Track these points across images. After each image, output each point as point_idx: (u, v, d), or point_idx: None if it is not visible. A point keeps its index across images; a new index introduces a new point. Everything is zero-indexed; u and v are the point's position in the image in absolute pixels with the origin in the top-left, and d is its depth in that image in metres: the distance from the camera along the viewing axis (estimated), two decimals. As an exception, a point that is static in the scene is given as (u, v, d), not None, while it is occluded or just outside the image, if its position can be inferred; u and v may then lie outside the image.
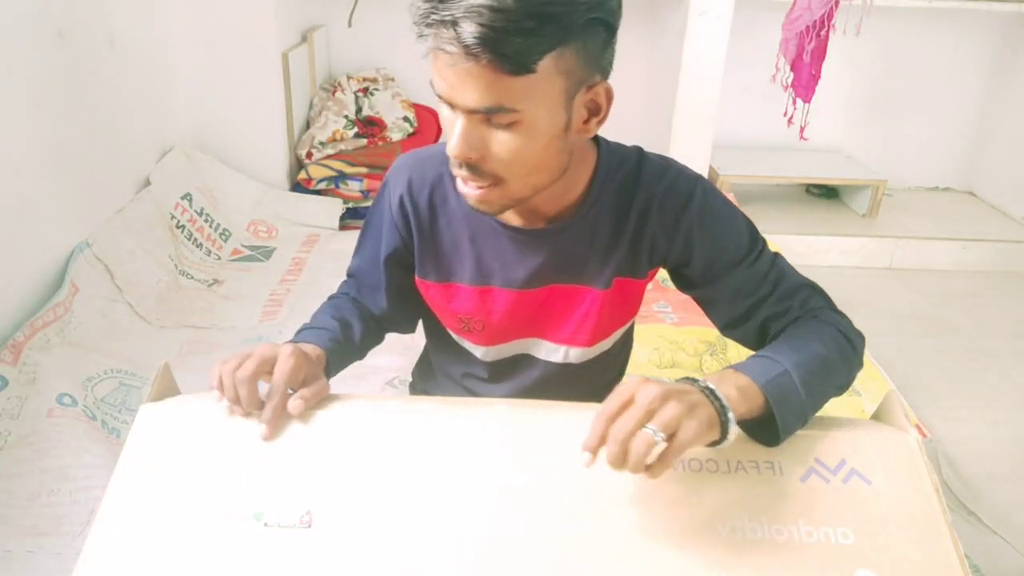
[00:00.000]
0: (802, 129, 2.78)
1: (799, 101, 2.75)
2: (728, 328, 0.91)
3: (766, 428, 0.71)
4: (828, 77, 2.76)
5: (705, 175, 2.92)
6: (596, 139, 0.87)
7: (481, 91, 0.67)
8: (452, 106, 0.71)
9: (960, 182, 3.50)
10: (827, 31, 2.57)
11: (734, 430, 0.67)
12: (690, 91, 2.81)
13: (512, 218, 0.87)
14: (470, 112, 0.69)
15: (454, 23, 0.64)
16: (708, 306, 0.92)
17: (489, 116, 0.69)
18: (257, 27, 2.56)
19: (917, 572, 0.65)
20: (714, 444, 0.68)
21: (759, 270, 0.86)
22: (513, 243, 0.88)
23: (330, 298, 0.99)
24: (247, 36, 2.57)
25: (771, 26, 2.82)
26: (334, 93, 2.96)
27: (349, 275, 1.01)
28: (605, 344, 0.97)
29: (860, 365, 0.82)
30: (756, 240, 0.88)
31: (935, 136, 3.41)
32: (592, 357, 0.97)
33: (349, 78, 3.08)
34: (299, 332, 0.90)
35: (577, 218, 0.86)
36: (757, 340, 0.89)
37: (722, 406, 0.66)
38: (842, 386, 0.80)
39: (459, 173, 0.75)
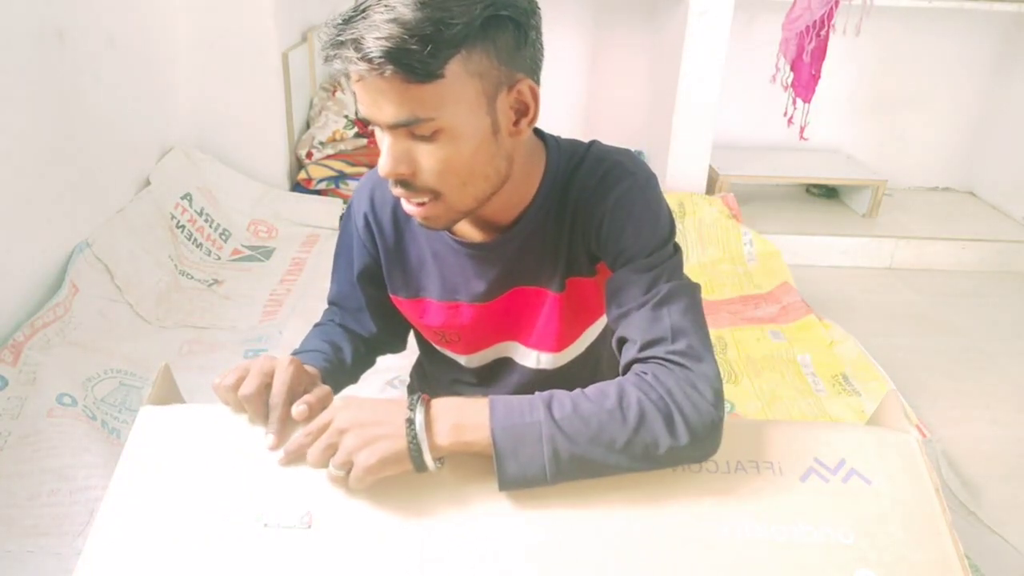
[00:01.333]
0: (802, 129, 2.78)
1: (799, 101, 2.75)
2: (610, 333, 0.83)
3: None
4: (828, 77, 2.76)
5: (705, 175, 2.94)
6: (545, 141, 0.86)
7: (395, 104, 0.68)
8: (376, 125, 0.71)
9: (960, 182, 3.50)
10: (827, 31, 2.57)
11: (430, 462, 0.67)
12: (690, 91, 2.81)
13: (470, 233, 0.87)
14: (391, 128, 0.70)
15: (355, 41, 0.65)
16: None
17: (411, 129, 0.70)
18: (257, 27, 2.56)
19: (917, 572, 0.65)
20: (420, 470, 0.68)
21: (642, 282, 0.77)
22: (471, 259, 0.88)
23: (316, 325, 0.99)
24: (247, 36, 2.57)
25: (771, 26, 2.82)
26: (334, 93, 2.96)
27: (330, 302, 1.01)
28: (576, 348, 0.96)
29: (686, 439, 0.68)
30: (660, 255, 0.79)
31: (935, 136, 3.40)
32: (566, 363, 0.96)
33: (349, 78, 3.07)
34: (292, 356, 0.89)
35: (527, 222, 0.85)
36: (618, 358, 0.80)
37: (415, 440, 0.66)
38: (633, 458, 0.68)
39: (396, 192, 0.75)
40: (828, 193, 3.30)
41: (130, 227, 2.09)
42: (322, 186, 2.76)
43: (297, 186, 2.79)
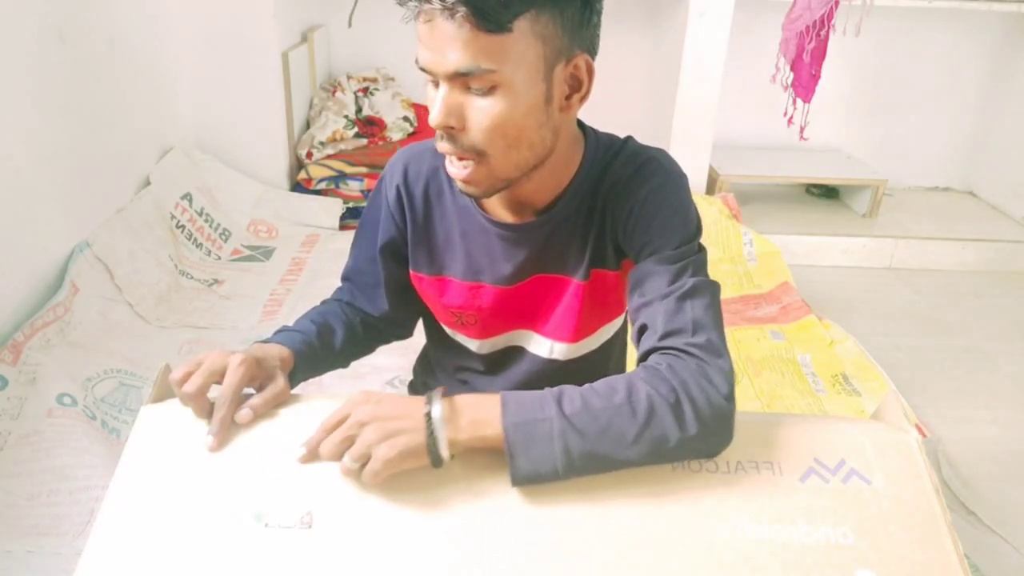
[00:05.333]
0: (802, 129, 2.78)
1: (799, 101, 2.74)
2: (630, 322, 0.84)
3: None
4: (828, 77, 2.76)
5: (705, 175, 2.94)
6: (585, 131, 0.87)
7: (459, 51, 0.69)
8: (433, 76, 0.72)
9: (960, 182, 3.50)
10: (827, 31, 2.56)
11: (446, 456, 0.67)
12: (690, 91, 2.81)
13: (502, 213, 0.88)
14: (449, 77, 0.71)
15: None
16: None
17: (468, 81, 0.71)
18: (257, 27, 2.56)
19: (917, 572, 0.65)
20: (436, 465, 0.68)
21: (668, 273, 0.78)
22: (501, 240, 0.88)
23: (322, 302, 0.99)
24: (247, 36, 2.57)
25: (771, 26, 2.81)
26: (334, 93, 2.96)
27: (344, 278, 1.01)
28: (591, 343, 0.97)
29: (695, 429, 0.68)
30: (687, 249, 0.80)
31: (935, 136, 3.40)
32: (578, 356, 0.96)
33: (349, 78, 3.08)
34: (276, 332, 0.90)
35: (560, 208, 0.86)
36: (635, 348, 0.80)
37: (432, 435, 0.67)
38: (644, 452, 0.68)
39: (442, 147, 0.76)
40: (828, 193, 3.30)
41: (130, 227, 2.09)
42: (322, 186, 2.76)
43: (297, 186, 2.79)
